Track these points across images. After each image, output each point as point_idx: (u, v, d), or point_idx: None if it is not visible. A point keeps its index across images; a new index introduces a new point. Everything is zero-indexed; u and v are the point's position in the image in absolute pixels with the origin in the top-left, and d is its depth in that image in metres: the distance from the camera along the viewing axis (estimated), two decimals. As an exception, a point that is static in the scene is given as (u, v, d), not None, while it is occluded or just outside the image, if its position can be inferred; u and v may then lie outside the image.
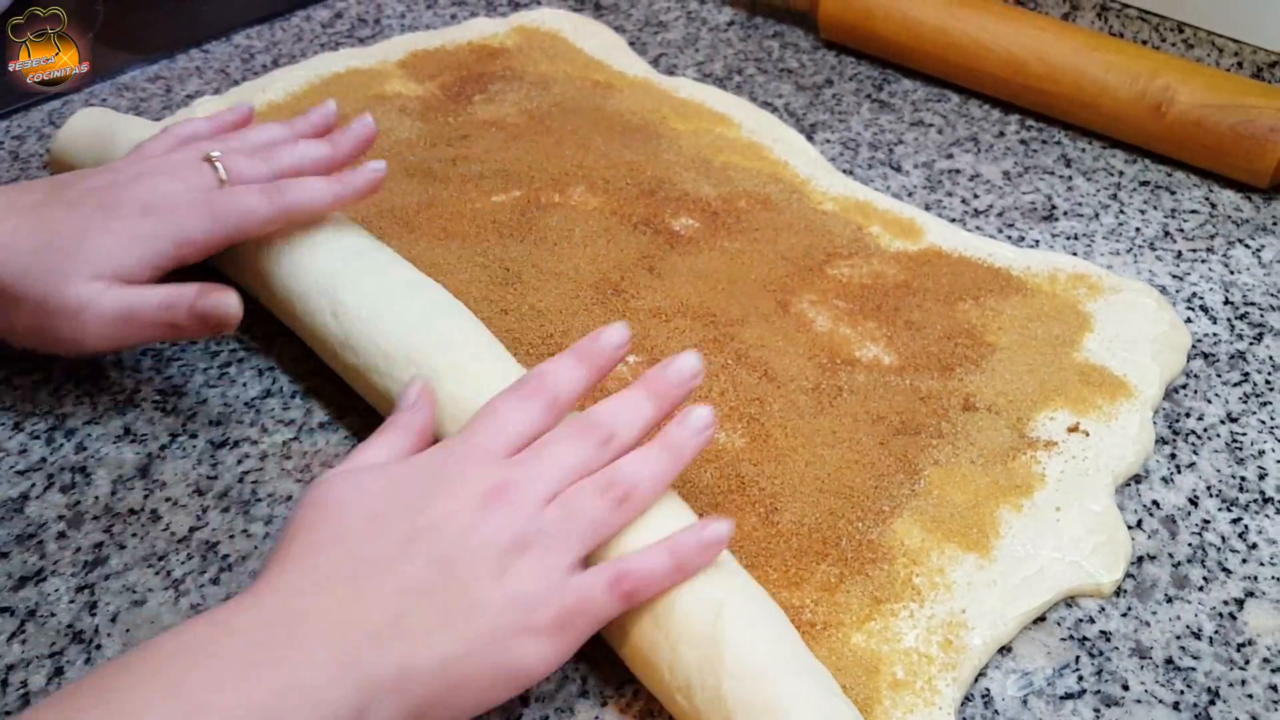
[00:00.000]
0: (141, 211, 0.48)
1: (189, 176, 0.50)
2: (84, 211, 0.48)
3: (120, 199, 0.48)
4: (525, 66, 0.76)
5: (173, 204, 0.49)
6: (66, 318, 0.46)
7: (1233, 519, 0.49)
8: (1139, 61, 0.69)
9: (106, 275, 0.47)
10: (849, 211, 0.64)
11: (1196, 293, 0.60)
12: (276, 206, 0.50)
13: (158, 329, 0.48)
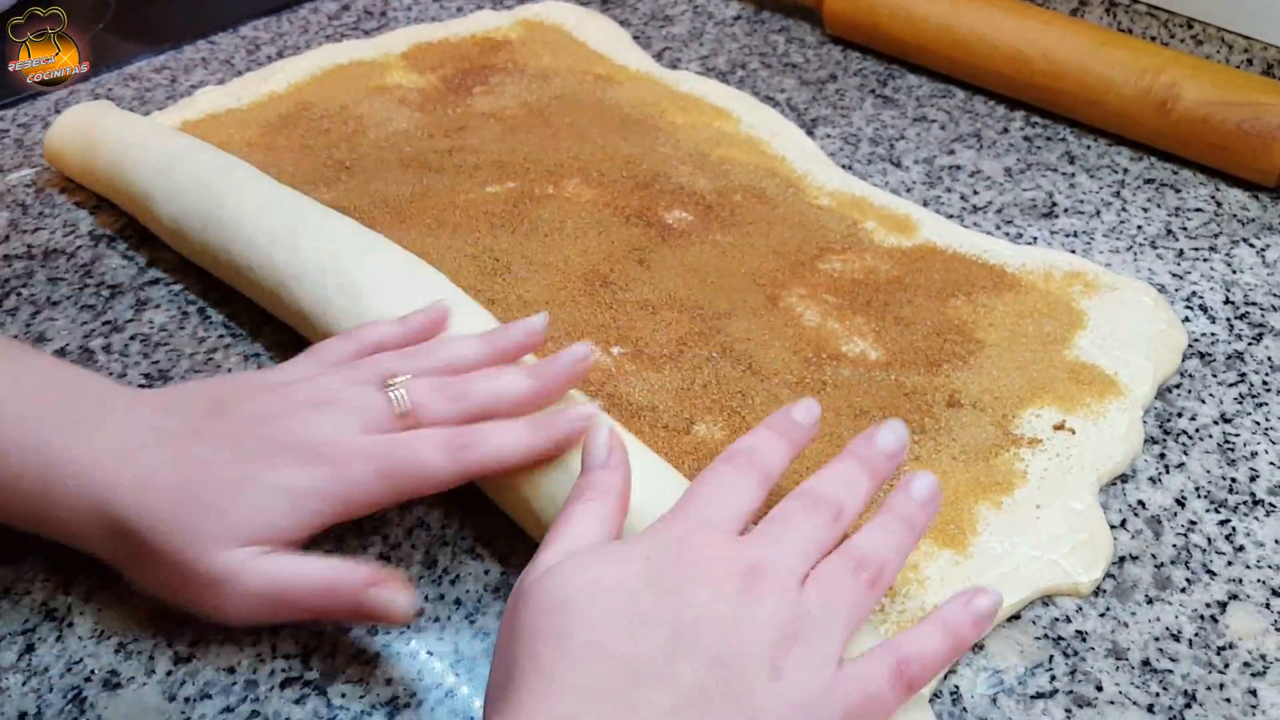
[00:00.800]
0: (305, 458, 0.39)
1: (364, 409, 0.41)
2: (239, 452, 0.40)
3: (282, 439, 0.40)
4: (527, 59, 0.76)
5: (342, 452, 0.40)
6: (206, 589, 0.38)
7: (1220, 520, 0.48)
8: (1145, 58, 0.68)
9: (258, 539, 0.38)
10: (845, 207, 0.64)
11: (1196, 291, 0.59)
12: (460, 466, 0.41)
13: (312, 612, 0.40)
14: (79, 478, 0.39)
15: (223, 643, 0.42)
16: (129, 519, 0.38)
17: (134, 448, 0.39)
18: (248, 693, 0.41)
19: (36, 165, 0.66)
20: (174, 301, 0.57)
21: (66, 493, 0.39)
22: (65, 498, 0.39)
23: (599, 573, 0.35)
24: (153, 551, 0.38)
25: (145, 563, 0.39)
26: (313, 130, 0.68)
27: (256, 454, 0.39)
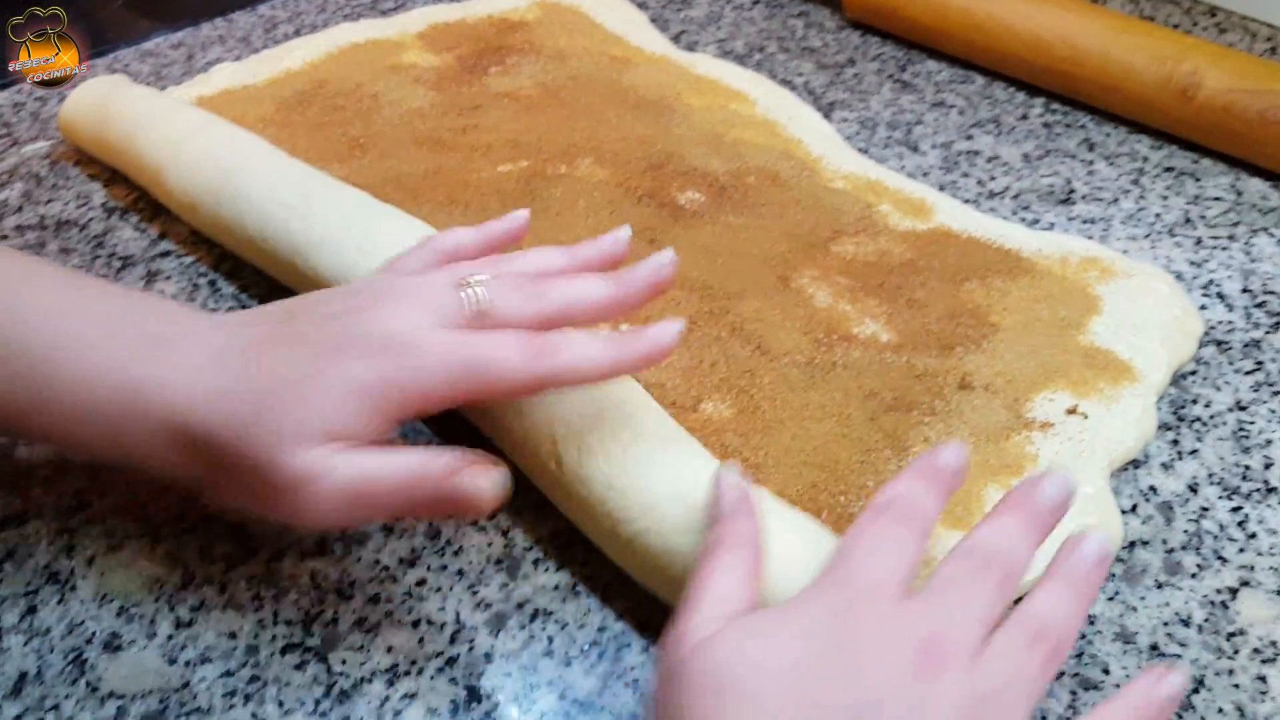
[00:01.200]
0: (377, 348, 0.37)
1: (438, 304, 0.39)
2: (310, 351, 0.38)
3: (352, 333, 0.38)
4: (544, 40, 0.76)
5: (414, 340, 0.38)
6: (288, 491, 0.36)
7: (1233, 507, 0.47)
8: (1166, 44, 0.67)
9: (332, 436, 0.36)
10: (859, 190, 0.63)
11: (1214, 280, 0.59)
12: (535, 372, 0.38)
13: (395, 511, 0.40)
14: (158, 398, 0.38)
15: (224, 608, 0.42)
16: (207, 430, 0.37)
17: (209, 363, 0.38)
18: (248, 658, 0.41)
19: (52, 138, 0.66)
20: (185, 274, 0.57)
21: (147, 415, 0.38)
22: (145, 420, 0.38)
23: (763, 649, 0.32)
24: (232, 460, 0.37)
25: (225, 474, 0.38)
26: (327, 107, 0.68)
27: (327, 351, 0.38)
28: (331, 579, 0.43)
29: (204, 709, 0.39)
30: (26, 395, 0.39)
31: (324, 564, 0.44)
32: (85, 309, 0.40)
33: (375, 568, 0.44)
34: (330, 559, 0.44)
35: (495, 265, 0.42)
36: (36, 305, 0.40)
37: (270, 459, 0.36)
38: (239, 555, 0.44)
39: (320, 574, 0.43)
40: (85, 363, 0.39)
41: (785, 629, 0.33)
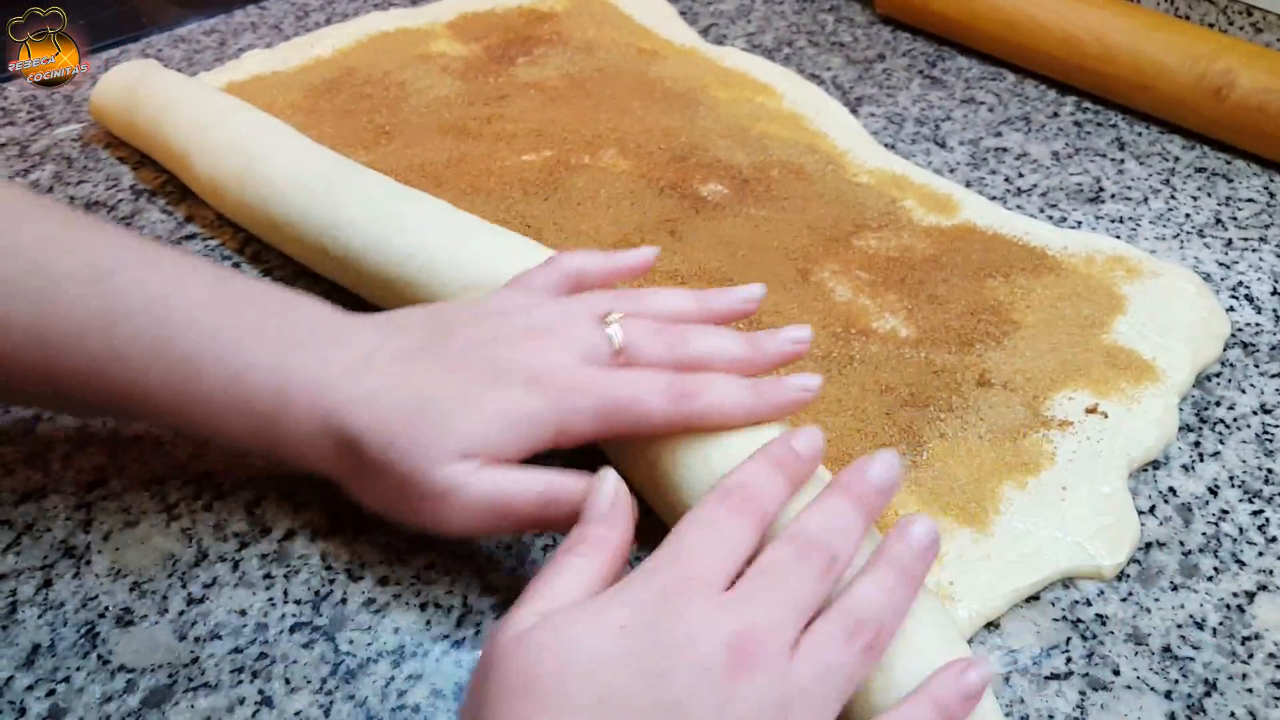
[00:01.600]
0: (526, 383, 0.39)
1: (582, 343, 0.41)
2: (463, 375, 0.40)
3: (505, 365, 0.40)
4: (572, 31, 0.76)
5: (563, 380, 0.39)
6: (430, 500, 0.38)
7: (1254, 510, 0.46)
8: (1200, 43, 0.66)
9: (480, 454, 0.38)
10: (884, 184, 0.63)
11: (1243, 281, 0.58)
12: (679, 413, 0.40)
13: (529, 522, 0.39)
14: (312, 394, 0.39)
15: (236, 586, 0.43)
16: (359, 433, 0.38)
17: (360, 366, 0.40)
18: (257, 635, 0.41)
19: (84, 121, 0.67)
20: (210, 256, 0.58)
21: (299, 410, 0.39)
22: (298, 414, 0.39)
23: (573, 643, 0.32)
24: (380, 465, 0.38)
25: (372, 477, 0.39)
26: (355, 95, 0.69)
27: (481, 376, 0.39)
28: (342, 560, 0.44)
29: (211, 684, 0.39)
30: (179, 389, 0.40)
31: (335, 545, 0.44)
32: (233, 305, 0.41)
33: (386, 550, 0.44)
34: (341, 540, 0.44)
35: (631, 302, 0.43)
36: (186, 301, 0.41)
37: (417, 468, 0.38)
38: (252, 534, 0.44)
39: (331, 555, 0.44)
40: (236, 358, 0.40)
41: (597, 620, 0.32)
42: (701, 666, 0.31)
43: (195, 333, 0.40)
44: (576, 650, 0.32)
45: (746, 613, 0.33)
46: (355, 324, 0.42)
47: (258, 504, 0.46)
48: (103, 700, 0.39)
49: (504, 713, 0.31)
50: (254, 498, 0.46)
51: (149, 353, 0.40)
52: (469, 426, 0.38)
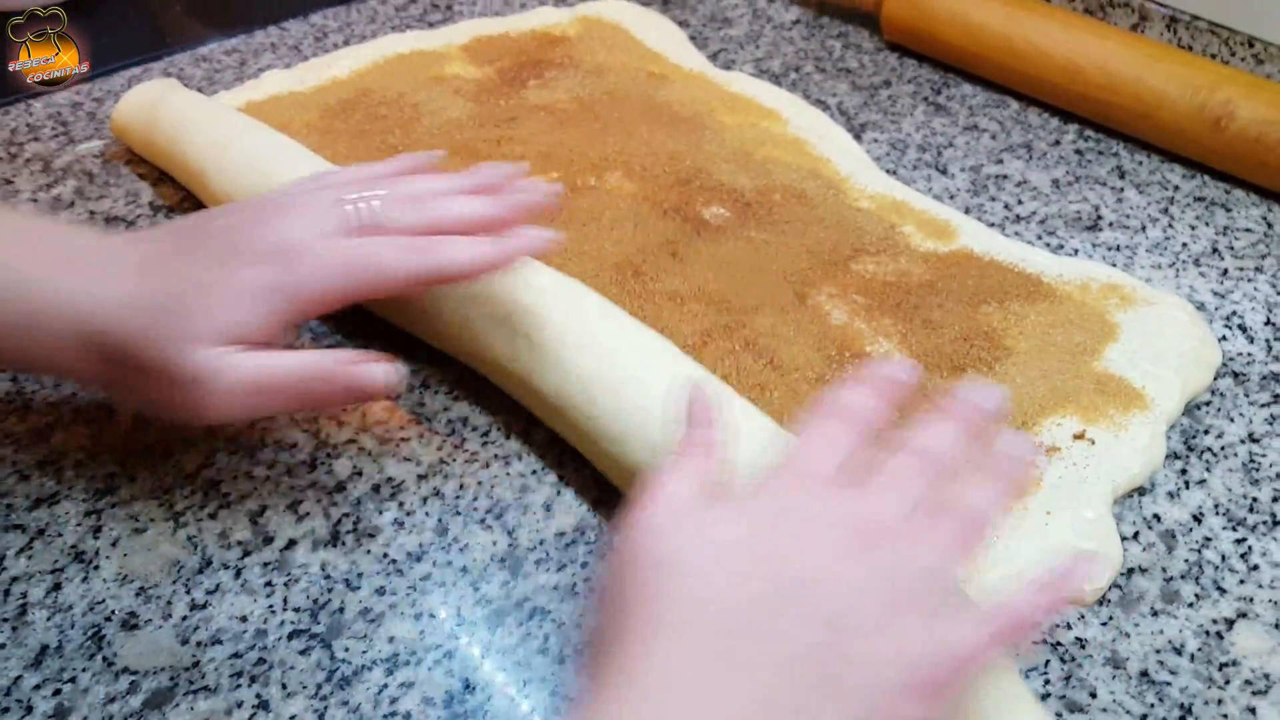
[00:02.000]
0: (264, 258, 0.42)
1: (322, 218, 0.43)
2: (204, 262, 0.42)
3: (242, 245, 0.42)
4: (583, 55, 0.78)
5: (299, 250, 0.42)
6: (189, 388, 0.40)
7: (1237, 539, 0.47)
8: (1201, 74, 0.67)
9: (230, 337, 0.40)
10: (884, 210, 0.64)
11: (1237, 311, 0.58)
12: (415, 267, 0.43)
13: (297, 400, 0.43)
14: (70, 309, 0.41)
15: (238, 593, 0.44)
16: (113, 336, 0.41)
17: (117, 275, 0.42)
18: (257, 641, 0.42)
19: (105, 138, 0.69)
20: (223, 271, 0.60)
21: (54, 327, 0.41)
22: (53, 332, 0.42)
23: (707, 529, 0.34)
24: (136, 362, 0.41)
25: (131, 377, 0.42)
26: (370, 115, 0.70)
27: (225, 259, 0.42)
28: (341, 570, 0.45)
29: (211, 688, 0.41)
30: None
31: (334, 555, 0.45)
32: (6, 234, 0.44)
33: (383, 560, 0.45)
34: (341, 550, 0.46)
35: (377, 187, 0.46)
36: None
37: (173, 358, 0.40)
38: (254, 543, 0.46)
39: (330, 564, 0.45)
40: (9, 280, 0.42)
41: (728, 514, 0.35)
42: (831, 544, 0.34)
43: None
44: (713, 535, 0.34)
45: (868, 503, 0.36)
46: (112, 241, 0.45)
47: (261, 514, 0.47)
48: (106, 701, 0.40)
49: (649, 584, 0.33)
50: (258, 508, 0.47)
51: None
52: (218, 309, 0.40)
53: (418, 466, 0.49)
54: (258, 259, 0.42)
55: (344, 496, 0.48)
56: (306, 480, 0.49)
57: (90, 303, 0.41)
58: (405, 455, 0.50)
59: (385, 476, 0.49)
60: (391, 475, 0.49)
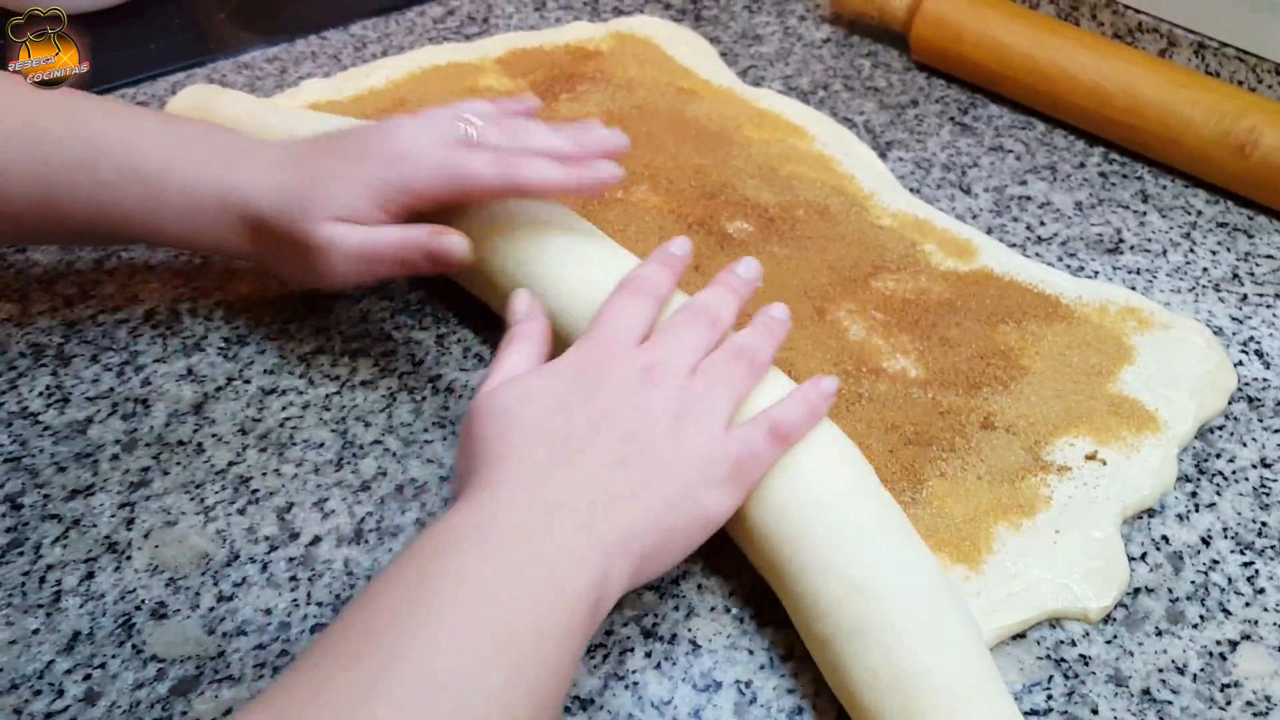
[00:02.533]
0: (384, 161, 0.51)
1: (436, 130, 0.53)
2: (338, 159, 0.52)
3: (370, 148, 0.52)
4: (615, 70, 0.79)
5: (412, 156, 0.52)
6: (316, 254, 0.51)
7: (1244, 562, 0.47)
8: (1227, 101, 0.68)
9: (344, 215, 0.50)
10: (906, 228, 0.65)
11: (1255, 337, 0.59)
12: (502, 177, 0.52)
13: (395, 266, 0.52)
14: (238, 194, 0.52)
15: (264, 586, 0.45)
16: (264, 215, 0.51)
17: (266, 169, 0.52)
18: (280, 633, 0.44)
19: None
20: (258, 274, 0.61)
21: (218, 211, 0.52)
22: (217, 215, 0.52)
23: (531, 388, 0.44)
24: (279, 235, 0.51)
25: (274, 248, 0.52)
26: (404, 124, 0.72)
27: (351, 160, 0.52)
28: (363, 566, 0.46)
29: (235, 678, 0.42)
30: (142, 207, 0.52)
31: (358, 552, 0.47)
32: (179, 136, 0.54)
33: (404, 559, 0.47)
34: (364, 547, 0.47)
35: (487, 113, 0.56)
36: (145, 137, 0.53)
37: (305, 230, 0.50)
38: (281, 538, 0.47)
39: (353, 560, 0.47)
40: (190, 175, 0.52)
41: (547, 375, 0.45)
42: (623, 385, 0.44)
43: (156, 159, 0.52)
44: (532, 391, 0.44)
45: (654, 351, 0.45)
46: (264, 143, 0.55)
47: (288, 510, 0.49)
48: (134, 687, 0.42)
49: (489, 432, 0.42)
50: (285, 504, 0.49)
51: (125, 178, 0.52)
52: (337, 196, 0.50)
53: (440, 469, 0.51)
54: (376, 159, 0.51)
55: (368, 495, 0.49)
56: (333, 479, 0.50)
57: (249, 190, 0.52)
58: (429, 457, 0.51)
59: (409, 477, 0.50)
60: (415, 476, 0.50)
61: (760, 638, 0.44)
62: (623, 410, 0.43)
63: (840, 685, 0.40)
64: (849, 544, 0.41)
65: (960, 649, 0.39)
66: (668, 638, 0.44)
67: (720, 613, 0.45)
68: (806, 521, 0.42)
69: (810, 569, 0.41)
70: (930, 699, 0.38)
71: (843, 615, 0.40)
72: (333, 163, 0.52)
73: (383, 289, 0.61)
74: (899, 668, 0.39)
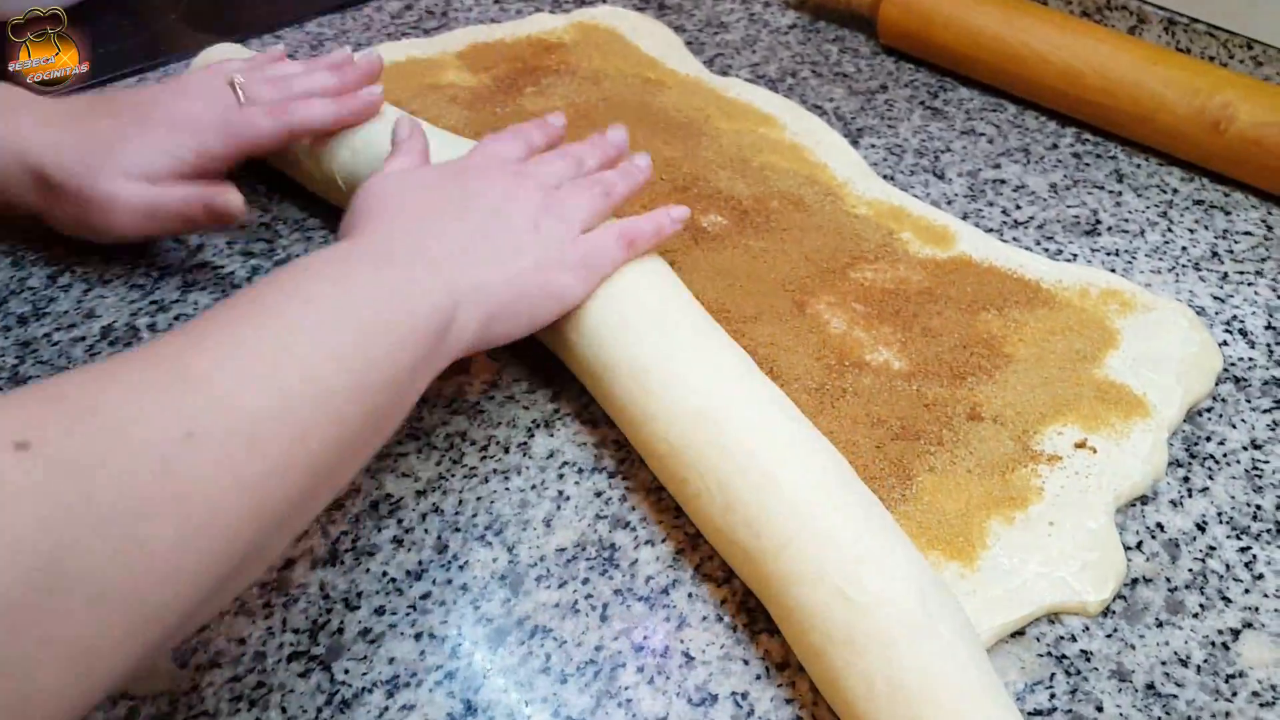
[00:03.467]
0: (169, 127, 0.56)
1: (212, 98, 0.58)
2: (121, 121, 0.56)
3: (152, 114, 0.56)
4: (579, 61, 0.77)
5: (195, 121, 0.57)
6: (100, 207, 0.55)
7: (1241, 547, 0.47)
8: (1199, 77, 0.67)
9: (135, 175, 0.55)
10: (882, 216, 0.63)
11: (1237, 315, 0.58)
12: (281, 124, 0.57)
13: (178, 222, 0.57)
14: (13, 149, 0.55)
15: (236, 614, 0.44)
16: (47, 166, 0.55)
17: (49, 121, 0.56)
18: (256, 664, 0.42)
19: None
20: (218, 285, 0.59)
21: (16, 165, 0.55)
22: (15, 169, 0.55)
23: (414, 177, 0.50)
24: (63, 187, 0.55)
25: (58, 199, 0.56)
26: (365, 125, 0.70)
27: (135, 123, 0.56)
28: (339, 589, 0.45)
29: (210, 713, 0.40)
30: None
31: (333, 574, 0.45)
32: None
33: (383, 579, 0.45)
34: (340, 569, 0.45)
35: (250, 73, 0.60)
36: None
37: (86, 183, 0.54)
38: (253, 562, 0.46)
39: (329, 584, 0.45)
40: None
41: (426, 171, 0.51)
42: (494, 180, 0.50)
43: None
44: (417, 179, 0.50)
45: (525, 167, 0.53)
46: (40, 98, 0.58)
47: (259, 533, 0.47)
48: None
49: (368, 205, 0.47)
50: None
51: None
52: (126, 155, 0.55)
53: (416, 483, 0.49)
54: (163, 127, 0.56)
55: (341, 514, 0.48)
56: (304, 498, 0.48)
57: (31, 143, 0.55)
58: (403, 471, 0.50)
59: (384, 493, 0.49)
60: (390, 492, 0.49)
61: (754, 647, 0.43)
62: (491, 194, 0.49)
63: (836, 696, 0.39)
64: (834, 551, 0.40)
65: (957, 653, 0.38)
66: (659, 651, 0.43)
67: (712, 622, 0.44)
68: (789, 533, 0.41)
69: (798, 581, 0.40)
70: (930, 707, 0.37)
71: (833, 625, 0.39)
72: (122, 123, 0.56)
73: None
74: (895, 676, 0.37)
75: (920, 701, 0.37)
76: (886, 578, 0.39)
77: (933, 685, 0.37)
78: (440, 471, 0.49)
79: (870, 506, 0.42)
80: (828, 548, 0.40)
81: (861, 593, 0.39)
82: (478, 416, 0.52)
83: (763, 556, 0.41)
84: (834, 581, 0.39)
